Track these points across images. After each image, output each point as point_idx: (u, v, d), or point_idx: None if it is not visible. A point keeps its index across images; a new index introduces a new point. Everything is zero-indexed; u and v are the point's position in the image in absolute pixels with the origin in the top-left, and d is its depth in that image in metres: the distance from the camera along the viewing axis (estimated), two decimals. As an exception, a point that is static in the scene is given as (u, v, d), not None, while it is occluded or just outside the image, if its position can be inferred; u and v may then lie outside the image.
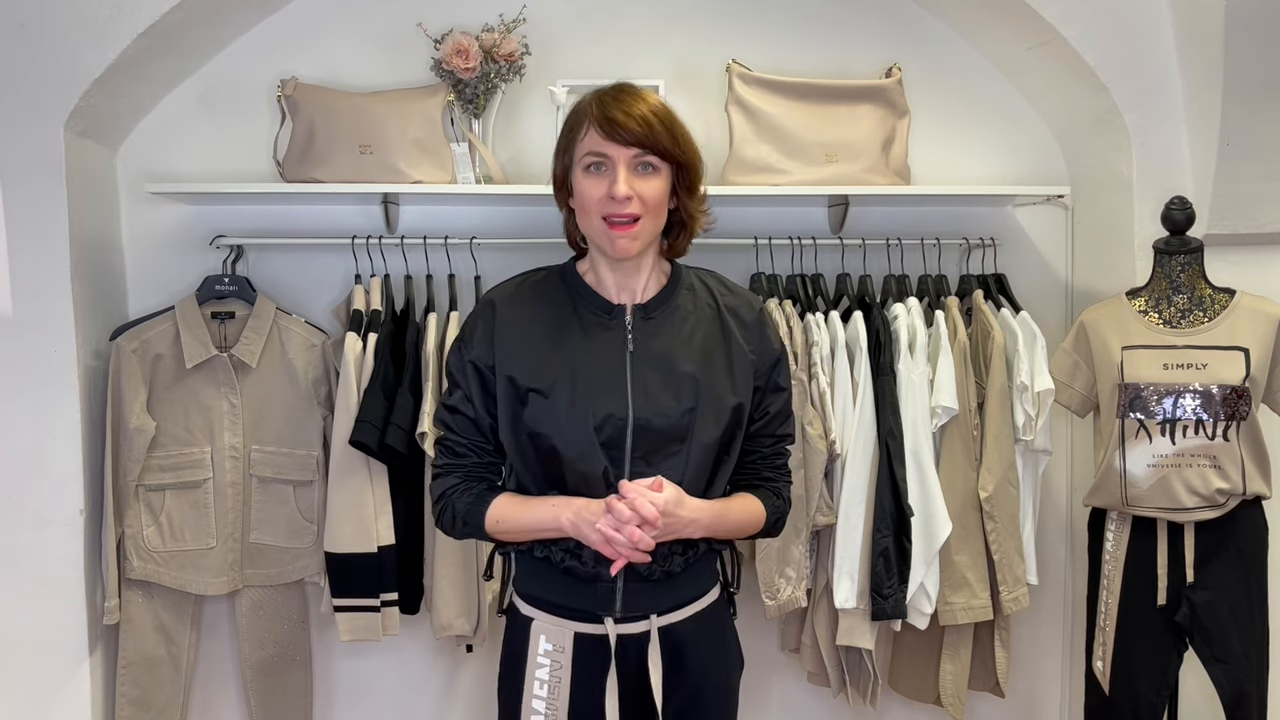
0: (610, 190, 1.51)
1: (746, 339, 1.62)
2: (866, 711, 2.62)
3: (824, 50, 2.68)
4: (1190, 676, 2.45)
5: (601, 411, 1.53)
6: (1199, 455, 2.22)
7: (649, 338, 1.58)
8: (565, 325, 1.59)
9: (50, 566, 2.37)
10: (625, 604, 1.56)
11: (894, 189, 2.50)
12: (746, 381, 1.61)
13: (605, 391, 1.54)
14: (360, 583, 2.38)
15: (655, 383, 1.55)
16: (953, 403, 2.38)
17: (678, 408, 1.55)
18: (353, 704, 2.70)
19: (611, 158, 1.52)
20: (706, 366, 1.58)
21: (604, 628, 1.56)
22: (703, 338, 1.60)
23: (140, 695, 2.45)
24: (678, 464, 1.55)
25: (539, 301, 1.62)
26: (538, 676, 1.57)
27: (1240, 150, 2.38)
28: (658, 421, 1.54)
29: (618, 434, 1.54)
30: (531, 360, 1.57)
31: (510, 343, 1.58)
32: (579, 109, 1.57)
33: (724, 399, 1.57)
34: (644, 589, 1.57)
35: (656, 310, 1.60)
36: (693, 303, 1.63)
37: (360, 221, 2.61)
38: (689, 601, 1.62)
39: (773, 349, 1.66)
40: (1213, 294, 2.30)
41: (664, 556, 1.55)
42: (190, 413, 2.42)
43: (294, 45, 2.58)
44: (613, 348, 1.58)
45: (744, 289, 1.71)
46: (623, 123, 1.51)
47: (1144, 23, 2.46)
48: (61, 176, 2.32)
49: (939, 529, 2.37)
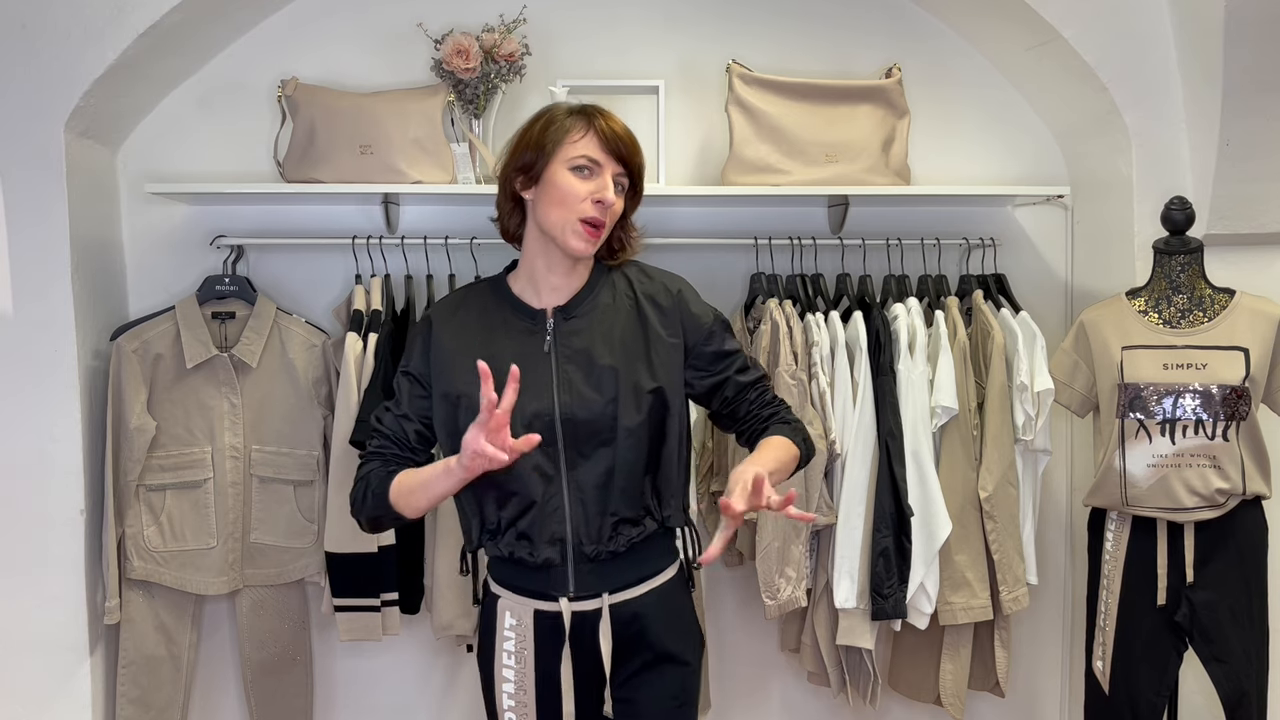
0: (600, 194, 1.62)
1: (665, 325, 1.70)
2: (866, 711, 2.62)
3: (824, 50, 2.69)
4: (1190, 676, 2.45)
5: (530, 410, 1.63)
6: (1199, 455, 2.22)
7: (570, 336, 1.68)
8: (494, 333, 1.70)
9: (50, 566, 2.37)
10: (577, 585, 1.66)
11: (894, 189, 2.50)
12: (668, 367, 1.68)
13: (532, 391, 1.64)
14: (361, 583, 2.38)
15: (578, 378, 1.65)
16: (952, 403, 2.38)
17: (600, 399, 1.64)
18: (353, 704, 2.70)
19: (602, 166, 1.64)
20: (624, 356, 1.66)
21: (559, 606, 1.66)
22: (621, 330, 1.69)
23: (140, 695, 2.45)
24: (607, 453, 1.64)
25: (472, 313, 1.74)
26: (505, 649, 1.70)
27: (1240, 150, 2.38)
28: (582, 414, 1.63)
29: (547, 430, 1.63)
30: (462, 370, 1.66)
31: (444, 354, 1.70)
32: (561, 113, 1.67)
33: (642, 384, 1.65)
34: (593, 569, 1.66)
35: (576, 309, 1.70)
36: (612, 297, 1.71)
37: (360, 221, 2.61)
38: (642, 580, 1.70)
39: (700, 323, 1.72)
40: (1212, 294, 2.30)
41: (608, 537, 1.65)
42: (191, 413, 2.42)
43: (294, 45, 2.59)
44: (536, 349, 1.68)
45: (664, 272, 1.77)
46: (622, 138, 1.65)
47: (1144, 23, 2.47)
48: (61, 176, 2.32)
49: (939, 529, 2.37)
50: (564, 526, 1.65)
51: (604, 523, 1.65)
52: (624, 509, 1.66)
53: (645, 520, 1.69)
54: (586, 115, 1.66)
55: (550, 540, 1.65)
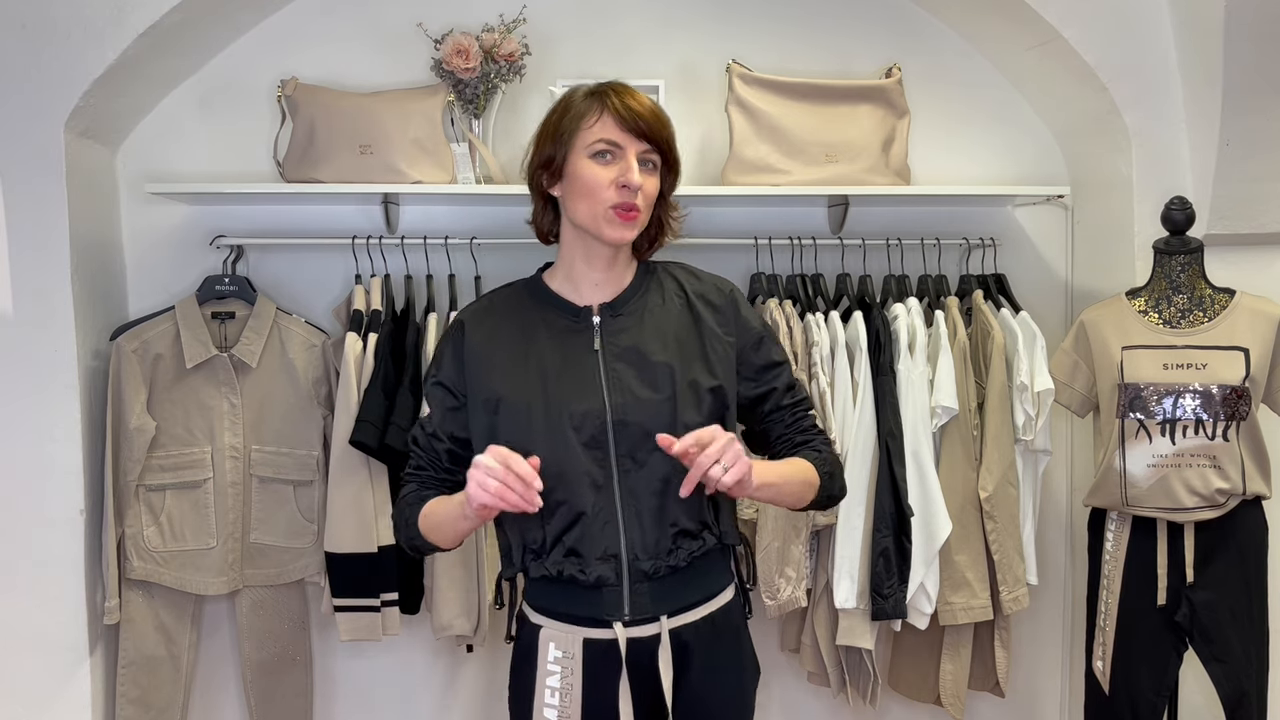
0: (624, 178, 1.50)
1: (720, 323, 1.60)
2: (866, 711, 2.62)
3: (824, 50, 2.69)
4: (1190, 676, 2.45)
5: (579, 412, 1.51)
6: (1199, 455, 2.22)
7: (618, 334, 1.57)
8: (533, 334, 1.58)
9: (50, 566, 2.37)
10: (633, 607, 1.52)
11: (894, 189, 2.50)
12: (725, 365, 1.58)
13: (579, 392, 1.53)
14: (361, 582, 2.38)
15: (630, 376, 1.54)
16: (953, 403, 2.38)
17: (656, 397, 1.52)
18: (353, 704, 2.70)
19: (624, 147, 1.52)
20: (680, 354, 1.56)
21: (613, 632, 1.52)
22: (674, 327, 1.58)
23: (140, 695, 2.45)
24: (664, 457, 1.46)
25: (506, 315, 1.62)
26: (549, 684, 1.53)
27: (1240, 150, 2.38)
28: (637, 414, 1.51)
29: (599, 432, 1.51)
30: (501, 372, 1.56)
31: (478, 359, 1.58)
32: (579, 97, 1.56)
33: (701, 382, 1.55)
34: (651, 589, 1.52)
35: (624, 306, 1.59)
36: (661, 296, 1.62)
37: (360, 221, 2.61)
38: (700, 602, 1.57)
39: (752, 328, 1.63)
40: (1212, 294, 2.30)
41: (667, 550, 1.51)
42: (190, 413, 2.42)
43: (294, 45, 2.58)
44: (582, 348, 1.56)
45: (712, 275, 1.68)
46: (641, 114, 1.52)
47: (1144, 23, 2.46)
48: (61, 176, 2.32)
49: (939, 529, 2.37)
50: (618, 540, 1.51)
51: (662, 534, 1.51)
52: (684, 519, 1.52)
53: (704, 534, 1.55)
54: (600, 96, 1.54)
55: (603, 556, 1.50)
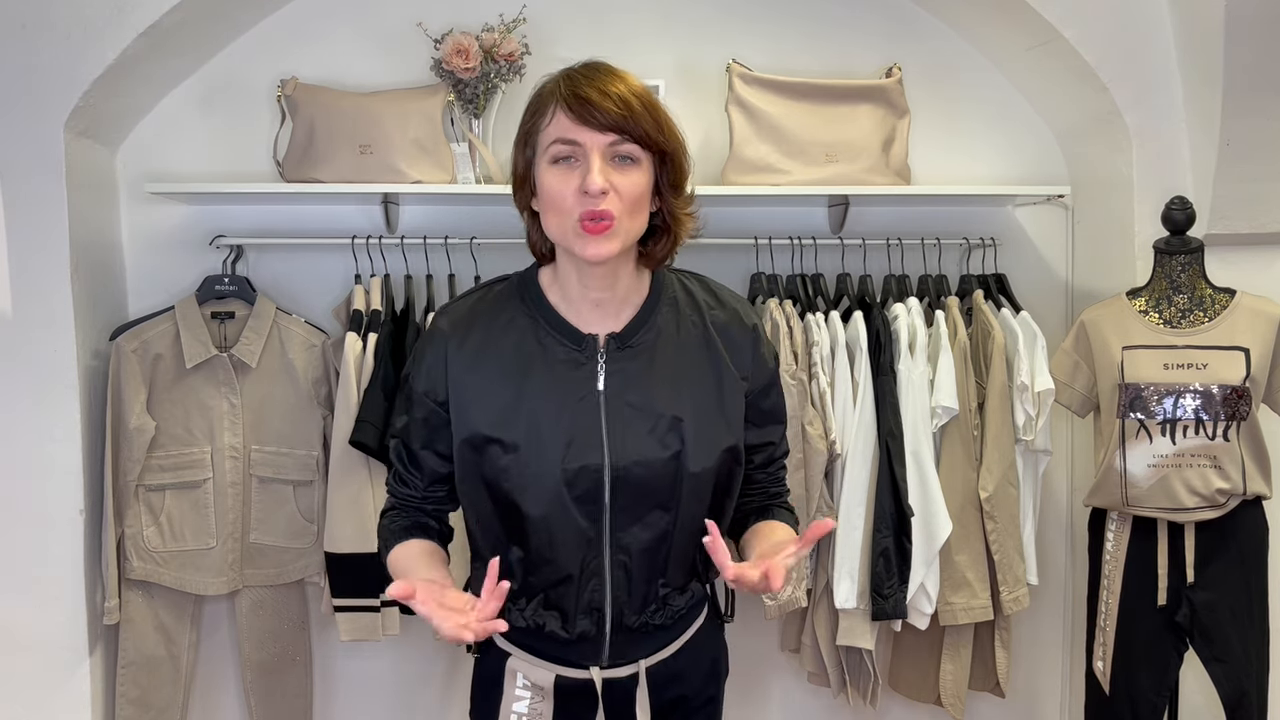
0: (584, 184, 1.27)
1: (738, 363, 1.43)
2: (866, 711, 2.62)
3: (824, 50, 2.68)
4: (1190, 676, 2.45)
5: (574, 464, 1.34)
6: (1199, 455, 2.22)
7: (625, 372, 1.37)
8: (528, 362, 1.37)
9: (50, 566, 2.37)
10: (613, 654, 1.43)
11: (894, 189, 2.50)
12: (739, 410, 1.42)
13: (577, 440, 1.34)
14: (360, 583, 2.38)
15: (635, 426, 1.35)
16: (953, 403, 2.38)
17: (662, 455, 1.35)
18: (353, 704, 2.70)
19: (583, 145, 1.28)
20: (693, 403, 1.38)
21: (588, 674, 1.43)
22: (689, 367, 1.40)
23: (140, 695, 2.45)
24: (664, 517, 1.36)
25: (496, 328, 1.40)
26: (515, 709, 1.43)
27: (1240, 150, 2.38)
28: (639, 470, 1.34)
29: (594, 487, 1.35)
30: (488, 404, 1.36)
31: (463, 381, 1.38)
32: (543, 91, 1.33)
33: (717, 440, 1.38)
34: (632, 638, 1.43)
35: (633, 338, 1.38)
36: (676, 322, 1.41)
37: (360, 221, 2.61)
38: (678, 637, 1.49)
39: (767, 369, 1.47)
40: (1213, 294, 2.30)
41: (655, 609, 1.41)
42: (190, 413, 2.42)
43: (294, 45, 2.58)
44: (583, 387, 1.36)
45: (737, 298, 1.50)
46: (597, 103, 1.26)
47: (1144, 23, 2.46)
48: (61, 176, 2.32)
49: (939, 529, 2.37)
50: (603, 595, 1.38)
51: (650, 591, 1.40)
52: (676, 576, 1.42)
53: (692, 584, 1.46)
54: (554, 86, 1.31)
55: (586, 610, 1.39)
